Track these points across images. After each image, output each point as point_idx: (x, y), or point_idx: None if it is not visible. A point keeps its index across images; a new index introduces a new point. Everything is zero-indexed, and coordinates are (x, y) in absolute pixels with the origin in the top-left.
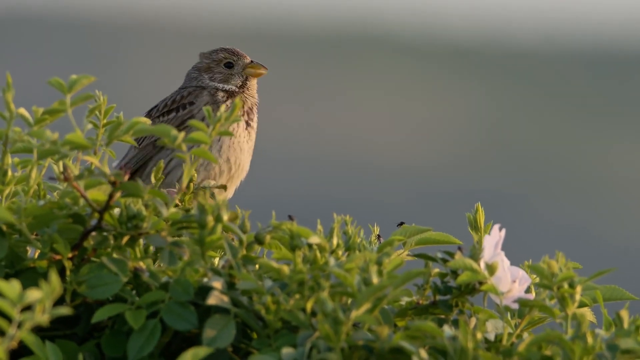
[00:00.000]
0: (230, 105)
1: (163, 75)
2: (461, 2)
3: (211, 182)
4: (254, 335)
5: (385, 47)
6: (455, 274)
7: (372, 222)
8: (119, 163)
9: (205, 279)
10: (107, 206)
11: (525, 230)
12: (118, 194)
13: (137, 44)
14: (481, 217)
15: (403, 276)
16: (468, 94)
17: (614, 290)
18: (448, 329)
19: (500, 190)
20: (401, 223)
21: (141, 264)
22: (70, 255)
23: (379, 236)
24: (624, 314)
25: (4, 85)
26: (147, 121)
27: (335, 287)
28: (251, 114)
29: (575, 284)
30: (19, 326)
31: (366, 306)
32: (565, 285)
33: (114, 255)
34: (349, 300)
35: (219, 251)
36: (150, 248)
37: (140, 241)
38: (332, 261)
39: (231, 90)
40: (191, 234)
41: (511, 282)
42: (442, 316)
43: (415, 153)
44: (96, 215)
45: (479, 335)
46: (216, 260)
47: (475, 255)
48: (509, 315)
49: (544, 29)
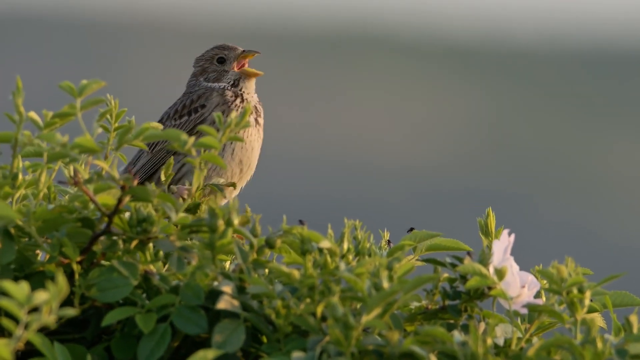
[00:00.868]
0: (240, 104)
1: (163, 75)
2: (461, 2)
3: (220, 179)
4: (264, 340)
5: (385, 47)
6: (464, 279)
7: (374, 222)
8: (126, 167)
9: (216, 283)
10: (116, 210)
11: (525, 229)
12: (127, 198)
13: (137, 44)
14: (492, 222)
15: (413, 281)
16: (468, 94)
17: (624, 296)
18: (458, 334)
19: (499, 190)
20: (411, 229)
21: (151, 268)
22: (79, 259)
23: (389, 241)
24: (634, 318)
25: (8, 86)
26: (159, 126)
27: (346, 292)
28: (258, 111)
29: (585, 289)
30: (26, 327)
31: (376, 311)
32: (575, 291)
33: (123, 258)
34: (358, 305)
35: (230, 255)
36: (160, 252)
37: (151, 245)
38: (342, 266)
39: (221, 87)
40: (201, 238)
41: (520, 287)
42: (451, 321)
43: (414, 153)
44: (105, 219)
45: (489, 341)
46: (227, 264)
47: (484, 260)
48: (518, 320)
49: (543, 28)
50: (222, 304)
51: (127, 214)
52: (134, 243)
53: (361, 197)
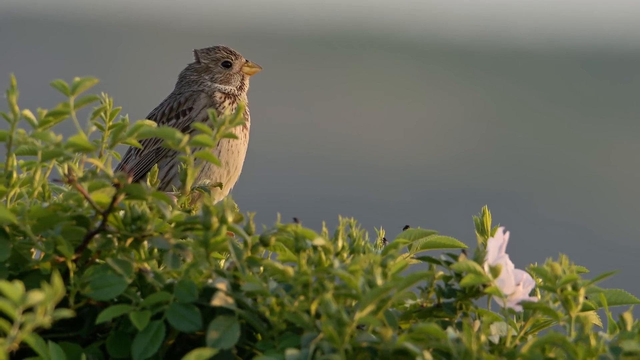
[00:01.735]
0: (229, 106)
1: (163, 75)
2: (460, 2)
3: (206, 180)
4: (259, 337)
5: (385, 46)
6: (459, 276)
7: (373, 222)
8: (115, 170)
9: (210, 281)
10: (110, 208)
11: (525, 229)
12: (122, 196)
13: (137, 44)
14: (488, 220)
15: (407, 278)
16: (467, 93)
17: (619, 294)
18: (452, 332)
19: (499, 189)
20: (406, 226)
21: (146, 265)
22: (74, 257)
23: (384, 239)
24: (628, 316)
25: (7, 86)
26: (152, 124)
27: (340, 289)
28: (246, 115)
29: (579, 287)
30: (21, 327)
31: (370, 308)
32: (569, 288)
33: (118, 256)
34: (353, 302)
35: (225, 253)
36: (155, 250)
37: (145, 243)
38: (336, 263)
39: (231, 91)
40: (196, 236)
41: (515, 284)
42: (445, 319)
43: (414, 152)
44: (100, 217)
45: (483, 338)
46: (222, 262)
47: (479, 257)
48: (513, 318)
49: (543, 28)
50: (217, 301)
51: (121, 213)
52: (128, 241)
53: (361, 197)
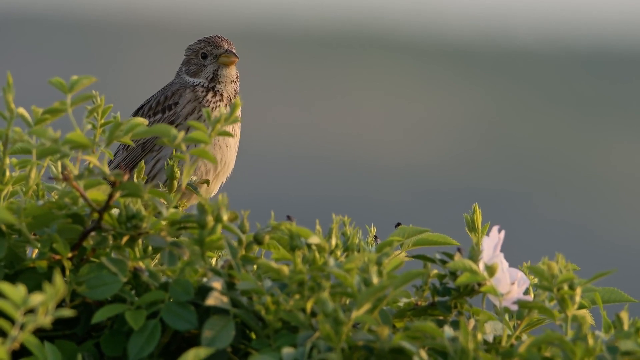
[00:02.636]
0: (211, 101)
1: (163, 75)
2: (460, 2)
3: (193, 177)
4: (253, 336)
5: (385, 46)
6: (454, 275)
7: (373, 222)
8: (110, 166)
9: (205, 279)
10: (106, 206)
11: (525, 229)
12: (118, 194)
13: (137, 44)
14: (479, 218)
15: (403, 277)
16: (467, 93)
17: (612, 293)
18: (448, 330)
19: (499, 189)
20: (398, 224)
21: (140, 264)
22: (69, 255)
23: (375, 237)
24: (624, 315)
25: (5, 85)
26: (145, 122)
27: (335, 288)
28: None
29: (575, 286)
30: (22, 328)
31: (366, 306)
32: (565, 287)
33: (113, 255)
34: (347, 301)
35: (216, 251)
36: (150, 248)
37: (140, 241)
38: (331, 261)
39: (198, 83)
40: (190, 234)
41: (510, 283)
42: (440, 317)
43: (414, 152)
44: (95, 215)
45: (479, 337)
46: (214, 260)
47: (474, 256)
48: (507, 317)
49: (543, 28)
50: (212, 301)
51: (115, 211)
52: (124, 239)
53: (361, 197)
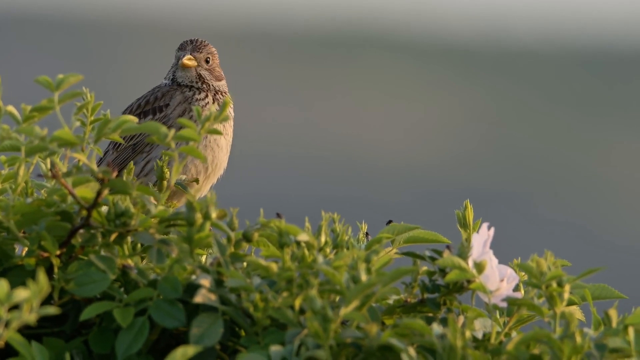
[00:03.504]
0: (201, 100)
1: (163, 75)
2: (460, 2)
3: (182, 176)
4: (242, 333)
5: (384, 46)
6: (443, 272)
7: (373, 222)
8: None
9: (194, 277)
10: (95, 203)
11: (525, 229)
12: (106, 191)
13: (137, 44)
14: (470, 215)
15: (392, 274)
16: (467, 93)
17: (603, 289)
18: (437, 327)
19: (499, 189)
20: (389, 221)
21: (129, 262)
22: (58, 252)
23: (366, 234)
24: (613, 313)
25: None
26: (135, 119)
27: (324, 285)
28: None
29: (564, 283)
30: (6, 325)
31: (355, 304)
32: (554, 284)
33: (101, 252)
34: (336, 298)
35: (205, 249)
36: (139, 245)
37: (129, 238)
38: (320, 259)
39: (165, 84)
40: (179, 232)
41: (499, 280)
42: (430, 314)
43: (414, 152)
44: (84, 212)
45: (468, 334)
46: (203, 258)
47: (463, 253)
48: (497, 314)
49: (543, 28)
50: (200, 298)
51: (104, 208)
52: (112, 236)
53: (361, 197)
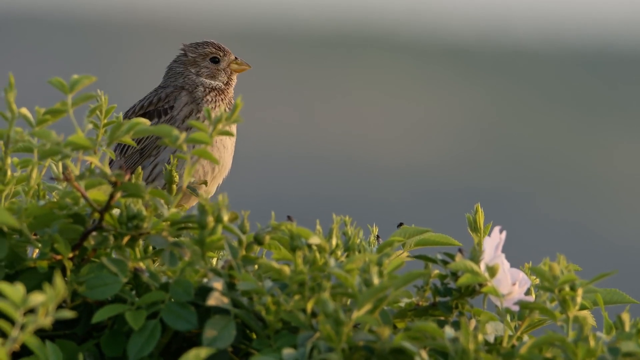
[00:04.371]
0: (213, 100)
1: (163, 75)
2: (460, 2)
3: (191, 179)
4: (254, 336)
5: (384, 46)
6: (455, 275)
7: (373, 222)
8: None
9: (205, 280)
10: (107, 206)
11: (525, 228)
12: (119, 194)
13: (137, 44)
14: (481, 218)
15: (404, 277)
16: (467, 93)
17: (614, 294)
18: (449, 331)
19: (499, 189)
20: (400, 224)
21: (141, 265)
22: (70, 255)
23: (377, 237)
24: (625, 316)
25: (6, 85)
26: (147, 122)
27: (336, 288)
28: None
29: (577, 287)
30: (22, 328)
31: (367, 307)
32: (567, 288)
33: (113, 255)
34: (348, 301)
35: (217, 252)
36: (150, 248)
37: (140, 241)
38: (331, 262)
39: (217, 86)
40: (191, 235)
41: (511, 284)
42: (441, 318)
43: (414, 152)
44: (96, 215)
45: (480, 337)
46: (214, 261)
47: (475, 257)
48: (509, 318)
49: (543, 28)
50: (212, 301)
51: (116, 211)
52: (125, 239)
53: (361, 197)
